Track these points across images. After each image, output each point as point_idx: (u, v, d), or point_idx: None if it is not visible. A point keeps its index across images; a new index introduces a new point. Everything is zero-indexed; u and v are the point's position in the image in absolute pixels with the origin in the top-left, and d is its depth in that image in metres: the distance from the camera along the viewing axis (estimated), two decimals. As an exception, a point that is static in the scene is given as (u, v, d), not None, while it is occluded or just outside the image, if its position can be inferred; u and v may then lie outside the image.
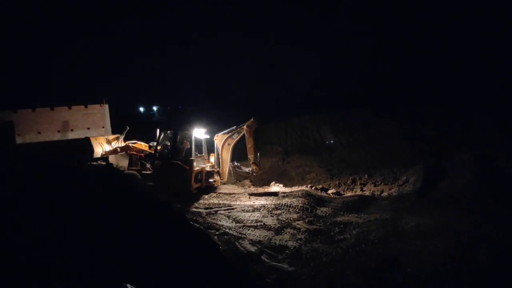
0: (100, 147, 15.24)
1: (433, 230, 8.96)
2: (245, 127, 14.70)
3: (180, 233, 5.40)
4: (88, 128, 17.53)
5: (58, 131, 17.08)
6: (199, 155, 14.88)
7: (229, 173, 16.11)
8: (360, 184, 15.47)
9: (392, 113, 25.22)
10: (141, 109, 51.65)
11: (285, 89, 43.16)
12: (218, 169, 15.23)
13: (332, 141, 25.11)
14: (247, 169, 15.06)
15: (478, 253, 7.29)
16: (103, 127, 18.05)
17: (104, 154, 15.32)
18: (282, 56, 58.48)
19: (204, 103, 42.66)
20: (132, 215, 5.44)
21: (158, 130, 14.78)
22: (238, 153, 16.46)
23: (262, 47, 65.92)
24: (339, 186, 15.62)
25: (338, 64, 46.26)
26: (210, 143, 15.96)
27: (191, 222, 9.39)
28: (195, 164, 13.89)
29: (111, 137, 15.98)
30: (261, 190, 14.64)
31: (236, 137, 15.08)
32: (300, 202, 12.36)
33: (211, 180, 14.78)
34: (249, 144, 14.76)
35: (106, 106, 18.27)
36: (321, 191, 14.27)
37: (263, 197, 13.30)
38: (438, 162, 14.93)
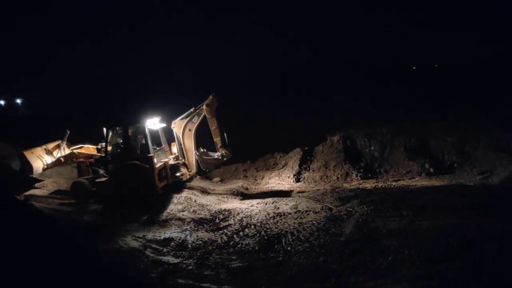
0: (40, 161, 12.89)
1: (309, 208, 9.74)
2: (204, 106, 12.80)
3: (36, 234, 4.78)
4: None
5: None
6: (157, 148, 13.13)
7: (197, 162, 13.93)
8: (243, 170, 15.97)
9: (275, 102, 26.40)
10: (1, 102, 45.24)
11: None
12: (183, 160, 13.52)
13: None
14: (215, 155, 13.16)
15: (345, 224, 8.18)
16: None
17: (47, 168, 13.08)
18: (203, 46, 55.53)
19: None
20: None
21: (104, 129, 12.65)
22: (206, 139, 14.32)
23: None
24: (223, 174, 15.89)
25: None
26: (169, 132, 13.85)
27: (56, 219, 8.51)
28: (155, 160, 12.13)
29: (51, 145, 13.52)
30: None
31: (197, 120, 13.04)
32: (184, 192, 12.22)
33: (178, 174, 13.13)
34: (213, 126, 12.94)
35: None
36: (205, 180, 14.33)
37: None
38: (313, 145, 16.23)
